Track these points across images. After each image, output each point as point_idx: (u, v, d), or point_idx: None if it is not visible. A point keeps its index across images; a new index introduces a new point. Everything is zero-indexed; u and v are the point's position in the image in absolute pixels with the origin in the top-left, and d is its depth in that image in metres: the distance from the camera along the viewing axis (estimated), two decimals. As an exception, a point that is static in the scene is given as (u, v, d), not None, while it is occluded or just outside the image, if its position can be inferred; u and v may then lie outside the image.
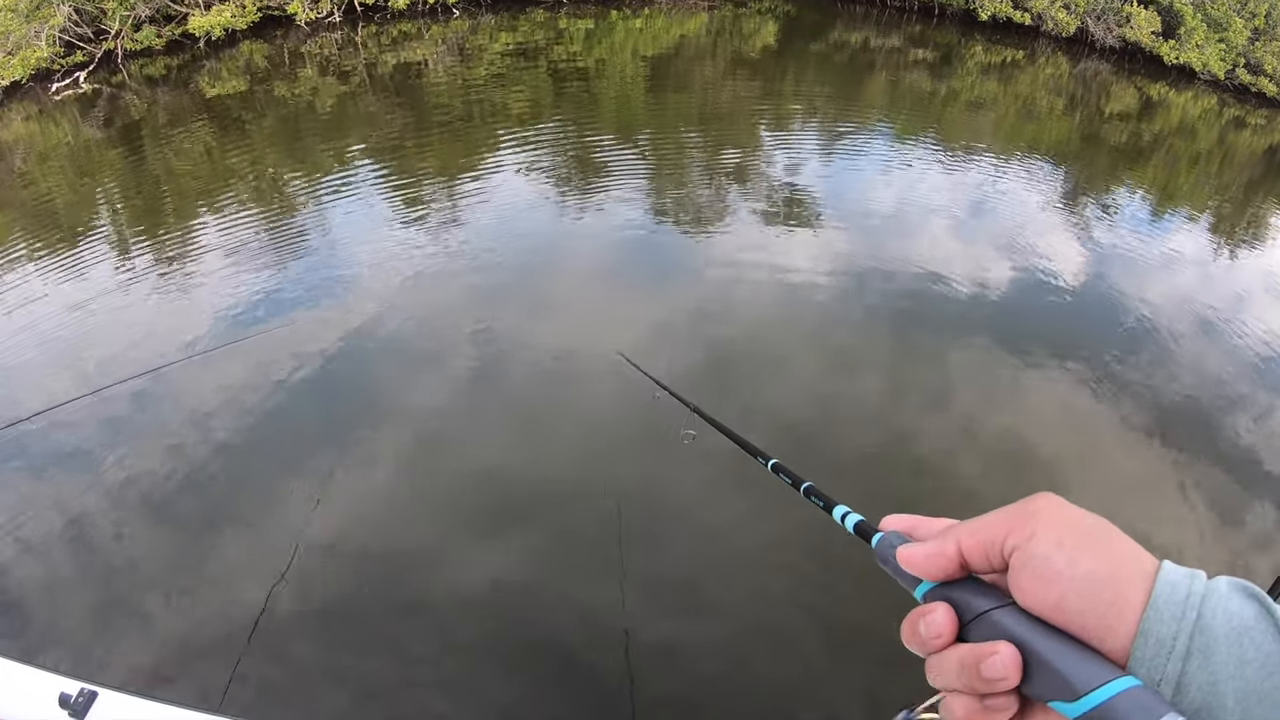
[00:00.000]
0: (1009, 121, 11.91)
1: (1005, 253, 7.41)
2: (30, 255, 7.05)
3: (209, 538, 4.08)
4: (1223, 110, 13.47)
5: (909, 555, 0.54)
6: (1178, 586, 0.45)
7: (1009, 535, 0.49)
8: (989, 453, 4.94)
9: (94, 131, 10.26)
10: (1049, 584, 0.47)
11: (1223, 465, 5.05)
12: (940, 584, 0.53)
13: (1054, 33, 14.68)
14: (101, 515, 4.22)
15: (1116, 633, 0.45)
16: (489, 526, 4.17)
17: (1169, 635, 0.44)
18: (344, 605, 3.73)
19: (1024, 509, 0.51)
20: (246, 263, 6.70)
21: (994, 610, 0.49)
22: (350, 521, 4.18)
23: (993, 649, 0.47)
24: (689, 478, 4.42)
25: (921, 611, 0.52)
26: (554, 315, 6.02)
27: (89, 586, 3.84)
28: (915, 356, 5.80)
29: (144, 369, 5.21)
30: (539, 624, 3.68)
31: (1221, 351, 6.30)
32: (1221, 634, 0.43)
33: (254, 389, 5.11)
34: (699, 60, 13.33)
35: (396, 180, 8.49)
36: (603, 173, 8.67)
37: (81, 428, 4.82)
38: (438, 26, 14.04)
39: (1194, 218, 9.43)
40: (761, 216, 7.74)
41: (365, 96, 11.26)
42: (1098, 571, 0.46)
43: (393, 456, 4.63)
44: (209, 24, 12.57)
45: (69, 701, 1.82)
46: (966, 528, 0.53)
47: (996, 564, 0.51)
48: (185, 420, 4.87)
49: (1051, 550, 0.47)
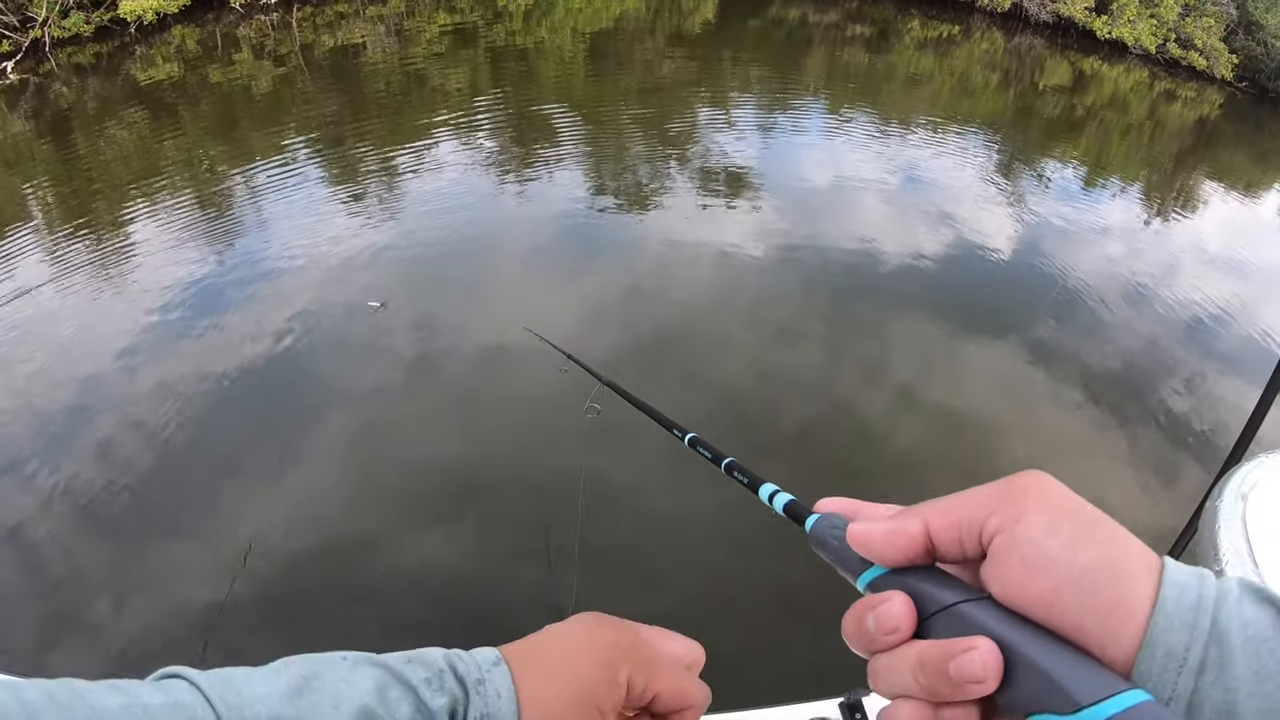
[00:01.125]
0: (945, 96, 12.02)
1: (941, 225, 7.45)
2: None
3: (150, 542, 3.98)
4: (1154, 84, 13.78)
5: (865, 533, 0.45)
6: (1187, 588, 0.39)
7: (991, 515, 0.41)
8: (926, 422, 4.94)
9: (22, 123, 9.89)
10: (1040, 574, 0.39)
11: (1155, 428, 5.15)
12: (893, 571, 0.44)
13: (989, 8, 14.88)
14: (39, 523, 4.07)
15: (1119, 638, 0.38)
16: (419, 511, 4.11)
17: (1180, 646, 0.37)
18: (291, 599, 3.67)
19: (1010, 486, 0.42)
20: (177, 256, 6.51)
21: (965, 603, 0.41)
22: (291, 517, 4.08)
23: (968, 644, 0.39)
24: (614, 454, 4.32)
25: (871, 602, 0.43)
26: (480, 295, 5.94)
27: (34, 595, 3.72)
28: (851, 329, 5.81)
29: (74, 372, 5.08)
30: (482, 603, 3.64)
31: (1152, 317, 6.43)
32: (1238, 644, 0.37)
33: (183, 388, 4.95)
34: (638, 38, 13.29)
35: (331, 165, 8.35)
36: (540, 153, 8.60)
37: (8, 433, 4.65)
38: (374, 7, 13.76)
39: (1125, 188, 9.59)
40: (698, 193, 7.73)
41: (301, 80, 11.04)
42: (1100, 563, 0.39)
43: (322, 448, 4.53)
44: (140, 7, 12.13)
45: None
46: (936, 506, 0.44)
47: (971, 550, 0.43)
48: (118, 423, 4.72)
49: (1045, 536, 0.40)
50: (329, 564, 3.83)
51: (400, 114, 9.91)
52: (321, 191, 7.66)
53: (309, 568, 3.81)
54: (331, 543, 3.92)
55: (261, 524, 4.01)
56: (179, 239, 6.79)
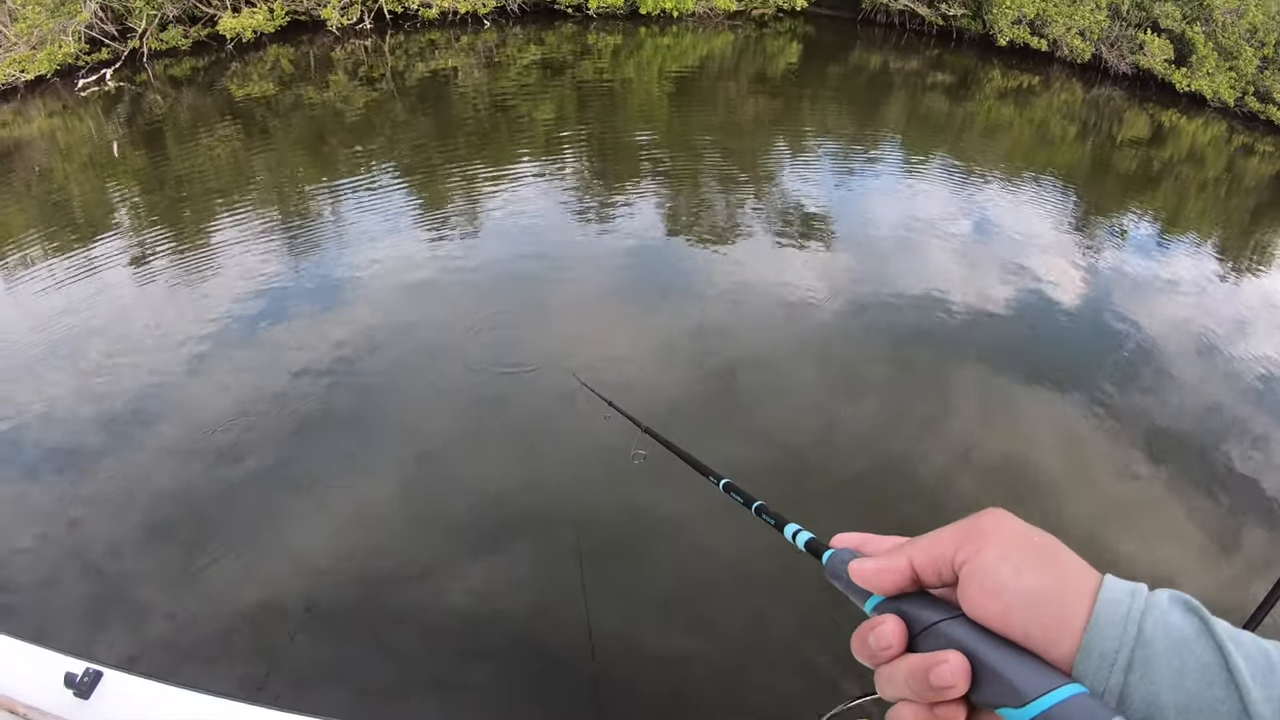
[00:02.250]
0: (1023, 146, 12.19)
1: (1013, 276, 7.52)
2: (45, 253, 7.17)
3: (203, 544, 4.14)
4: (1231, 137, 13.75)
5: (861, 570, 0.55)
6: (1119, 603, 0.47)
7: (959, 549, 0.51)
8: (984, 477, 4.97)
9: (117, 129, 10.24)
10: (995, 596, 0.48)
11: (1219, 490, 5.11)
12: (890, 598, 0.54)
13: (1069, 59, 15.03)
14: (106, 520, 4.26)
15: (1061, 645, 0.47)
16: (455, 546, 4.22)
17: (1111, 649, 0.46)
18: (342, 607, 3.81)
19: (974, 525, 0.53)
20: (255, 269, 6.80)
21: (943, 621, 0.51)
22: (342, 529, 4.23)
23: (942, 658, 0.48)
24: (647, 497, 4.44)
25: (871, 624, 0.53)
26: (546, 332, 6.04)
27: (94, 590, 3.90)
28: (915, 378, 5.87)
29: (149, 372, 5.32)
30: (505, 639, 3.73)
31: (1222, 377, 6.41)
32: (1161, 648, 0.45)
33: (247, 395, 5.18)
34: (723, 78, 13.61)
35: (414, 189, 8.64)
36: (619, 188, 8.81)
37: (84, 431, 4.87)
38: (467, 37, 14.18)
39: (1200, 243, 9.61)
40: (771, 236, 7.86)
41: (391, 103, 11.36)
42: (1042, 585, 0.48)
43: (384, 466, 4.69)
44: (239, 26, 12.54)
45: (74, 681, 1.81)
46: (918, 544, 0.54)
47: (947, 578, 0.52)
48: (185, 424, 4.93)
49: (998, 564, 0.49)
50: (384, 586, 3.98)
51: (485, 142, 10.18)
52: (403, 216, 7.83)
53: (373, 587, 3.94)
54: (387, 567, 4.10)
55: (332, 544, 4.16)
56: (260, 252, 7.04)
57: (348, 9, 13.51)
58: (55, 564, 4.01)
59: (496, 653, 3.66)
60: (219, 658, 3.57)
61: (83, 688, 1.80)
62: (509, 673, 3.60)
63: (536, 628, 3.79)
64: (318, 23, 13.53)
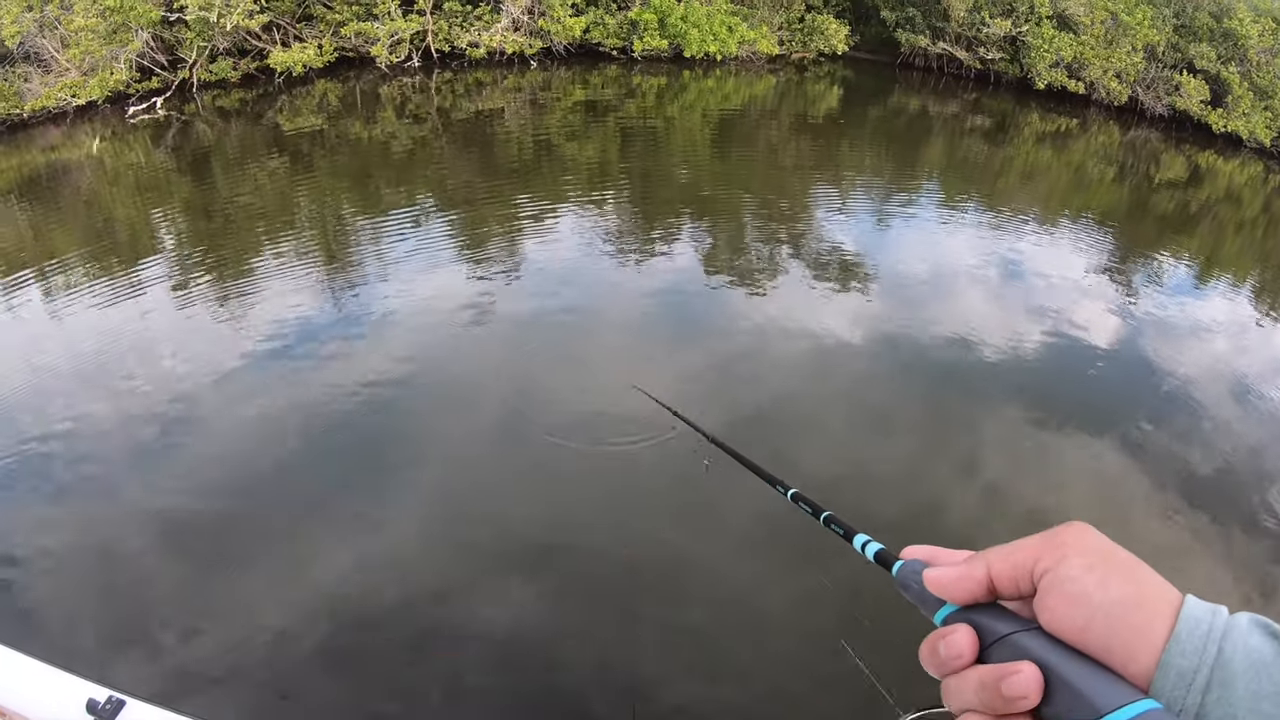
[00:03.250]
0: (1061, 189, 12.42)
1: (1048, 319, 7.59)
2: (88, 274, 7.44)
3: (231, 567, 4.24)
4: (1268, 177, 13.88)
5: (938, 578, 0.55)
6: (1200, 621, 0.47)
7: (1040, 559, 0.51)
8: (1016, 523, 4.94)
9: (164, 157, 10.64)
10: (1078, 606, 0.48)
11: (1258, 536, 5.13)
12: (961, 609, 0.54)
13: (1106, 101, 15.29)
14: (130, 539, 4.37)
15: (1139, 659, 0.46)
16: (510, 569, 4.35)
17: (1190, 668, 0.45)
18: (362, 642, 3.87)
19: (1056, 535, 0.52)
20: (292, 296, 7.01)
21: (1016, 633, 0.50)
22: (375, 561, 4.32)
23: (1015, 668, 0.48)
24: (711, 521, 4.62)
25: (942, 633, 0.53)
26: (583, 372, 6.19)
27: (119, 612, 4.00)
28: (948, 422, 5.93)
29: (174, 396, 5.54)
30: (551, 669, 3.81)
31: (1257, 421, 6.44)
32: (1240, 669, 0.44)
33: (282, 423, 5.34)
34: (764, 121, 13.99)
35: (457, 222, 8.86)
36: (659, 227, 9.10)
37: (111, 451, 5.04)
38: (513, 77, 14.53)
39: (1238, 285, 9.77)
40: (808, 276, 8.07)
41: (436, 140, 11.68)
42: (1126, 597, 0.48)
43: (416, 498, 4.81)
44: (290, 60, 12.92)
45: (96, 708, 1.83)
46: (998, 552, 0.53)
47: (1025, 588, 0.51)
48: (218, 448, 5.09)
49: (1082, 573, 0.49)
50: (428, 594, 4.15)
51: (528, 179, 10.49)
52: (443, 248, 8.06)
53: (383, 611, 4.05)
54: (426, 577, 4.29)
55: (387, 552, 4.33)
56: (298, 279, 7.27)
57: (396, 47, 13.89)
58: (76, 586, 4.12)
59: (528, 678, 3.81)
60: (241, 686, 3.64)
61: (105, 715, 1.83)
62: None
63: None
64: (365, 59, 13.94)
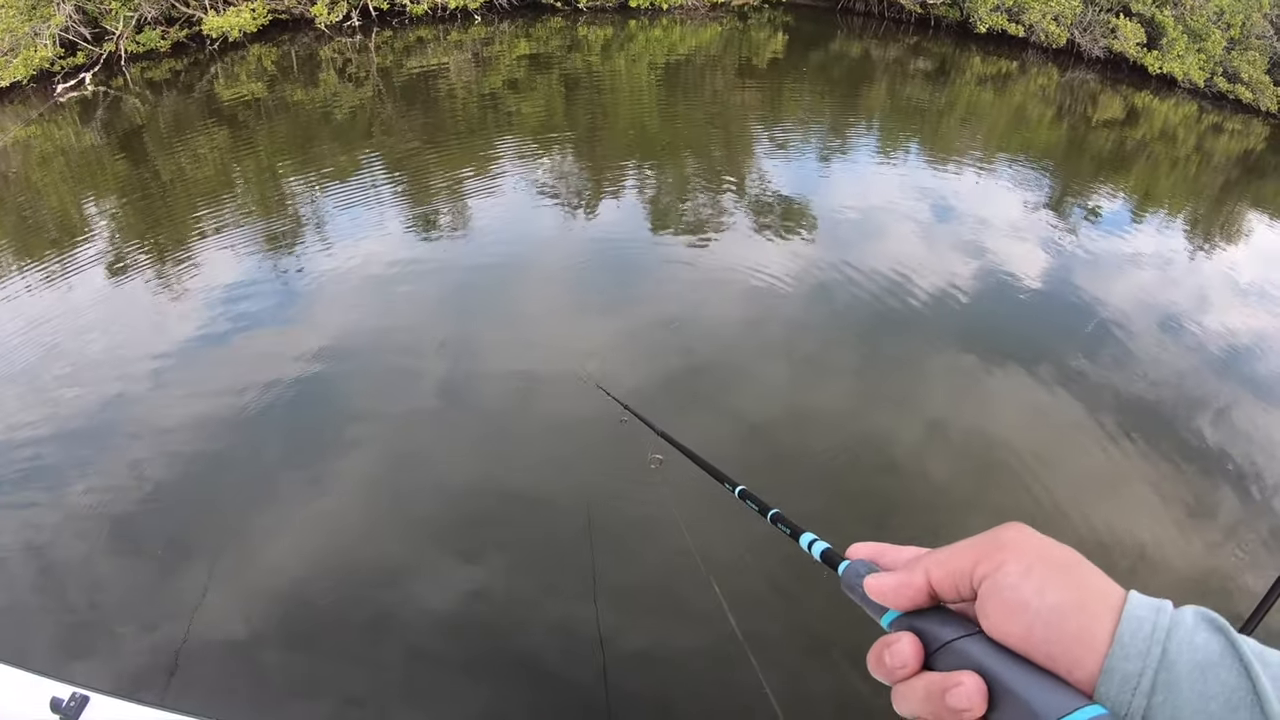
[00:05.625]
0: (1000, 129, 12.57)
1: (987, 257, 7.69)
2: (14, 262, 7.10)
3: (177, 557, 4.10)
4: (1202, 117, 14.23)
5: (877, 585, 0.54)
6: (1144, 621, 0.46)
7: (978, 565, 0.50)
8: (959, 456, 5.02)
9: (94, 136, 10.06)
10: (1016, 613, 0.47)
11: (1191, 461, 5.21)
12: (906, 614, 0.53)
13: (1045, 44, 15.45)
14: (74, 535, 4.21)
15: (1083, 664, 0.45)
16: (460, 543, 4.26)
17: (1134, 671, 0.44)
18: (322, 619, 3.82)
19: (993, 539, 0.51)
20: (232, 271, 6.77)
21: (960, 639, 0.49)
22: (324, 538, 4.23)
23: (958, 679, 0.47)
24: (656, 497, 4.45)
25: (887, 641, 0.52)
26: (529, 326, 6.09)
27: (69, 604, 3.89)
28: (886, 362, 5.96)
29: (111, 381, 5.26)
30: (513, 637, 3.77)
31: (1189, 349, 6.60)
32: (1185, 670, 0.44)
33: (224, 402, 5.14)
34: (710, 68, 13.89)
35: (402, 186, 8.66)
36: (601, 178, 8.96)
37: (44, 442, 4.81)
38: (455, 32, 14.16)
39: (1171, 220, 10.04)
40: (749, 223, 8.07)
41: (378, 102, 11.32)
42: (1065, 602, 0.46)
43: (361, 473, 4.67)
44: (225, 25, 12.27)
45: (60, 706, 1.79)
46: (935, 557, 0.53)
47: (965, 594, 0.51)
48: (152, 435, 4.87)
49: (1019, 580, 0.48)
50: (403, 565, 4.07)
51: (472, 138, 10.22)
52: (387, 213, 7.85)
53: (339, 586, 3.99)
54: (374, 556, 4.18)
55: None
56: (238, 255, 7.02)
57: (335, 5, 13.36)
58: (27, 585, 3.98)
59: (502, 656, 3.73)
60: (203, 679, 3.55)
61: (69, 712, 1.79)
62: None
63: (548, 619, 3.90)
64: (300, 20, 13.38)
